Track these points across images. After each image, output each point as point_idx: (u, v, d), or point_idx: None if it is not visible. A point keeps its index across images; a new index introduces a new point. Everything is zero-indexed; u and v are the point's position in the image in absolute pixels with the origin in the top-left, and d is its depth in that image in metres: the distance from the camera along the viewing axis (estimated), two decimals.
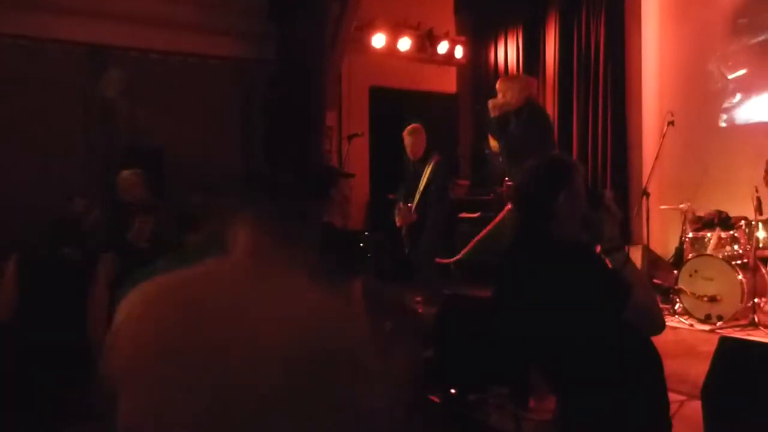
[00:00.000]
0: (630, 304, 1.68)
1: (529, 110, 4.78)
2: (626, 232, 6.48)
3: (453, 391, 3.07)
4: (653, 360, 1.80)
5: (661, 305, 5.22)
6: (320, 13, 6.71)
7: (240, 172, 6.44)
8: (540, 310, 1.72)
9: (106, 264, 3.02)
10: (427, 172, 5.30)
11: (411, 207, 5.38)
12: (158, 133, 6.17)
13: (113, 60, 6.28)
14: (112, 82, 6.06)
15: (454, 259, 6.31)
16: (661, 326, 1.83)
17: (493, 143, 5.57)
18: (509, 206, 5.53)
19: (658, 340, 4.78)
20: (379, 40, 7.50)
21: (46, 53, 5.98)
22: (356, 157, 7.01)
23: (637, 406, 1.73)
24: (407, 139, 5.42)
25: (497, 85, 5.00)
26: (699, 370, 3.26)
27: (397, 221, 5.43)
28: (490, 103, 5.08)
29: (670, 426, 1.82)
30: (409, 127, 5.47)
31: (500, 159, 5.26)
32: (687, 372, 3.59)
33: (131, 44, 6.31)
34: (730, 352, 2.26)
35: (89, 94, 6.17)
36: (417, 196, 5.34)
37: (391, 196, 5.83)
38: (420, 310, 4.68)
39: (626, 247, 1.86)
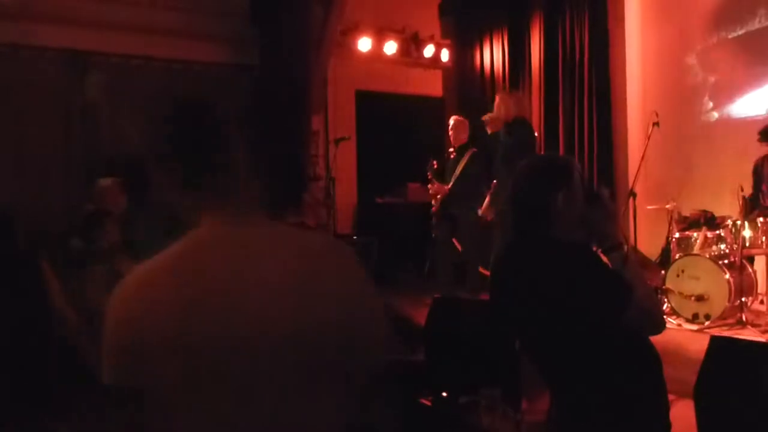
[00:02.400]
0: (631, 304, 1.66)
1: (518, 125, 5.16)
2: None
3: (444, 394, 3.04)
4: (653, 360, 1.79)
5: None
6: (303, 17, 6.69)
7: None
8: (540, 309, 1.69)
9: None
10: (463, 162, 5.75)
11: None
12: (141, 140, 6.08)
13: (94, 66, 6.20)
14: (94, 84, 5.99)
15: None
16: (661, 325, 1.81)
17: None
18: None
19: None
20: (364, 44, 7.49)
21: (25, 60, 5.89)
22: (344, 161, 6.99)
23: (636, 405, 1.71)
24: (452, 125, 5.96)
25: (495, 100, 5.44)
26: (688, 369, 3.27)
27: (430, 191, 5.93)
28: (485, 118, 5.62)
29: (669, 427, 1.80)
30: (453, 118, 6.05)
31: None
32: (676, 371, 3.59)
33: (112, 50, 6.24)
34: (721, 350, 2.26)
35: (70, 101, 6.09)
36: (452, 180, 5.80)
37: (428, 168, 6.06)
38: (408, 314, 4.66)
39: (624, 246, 1.84)
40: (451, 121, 5.99)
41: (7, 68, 5.79)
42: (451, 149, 5.98)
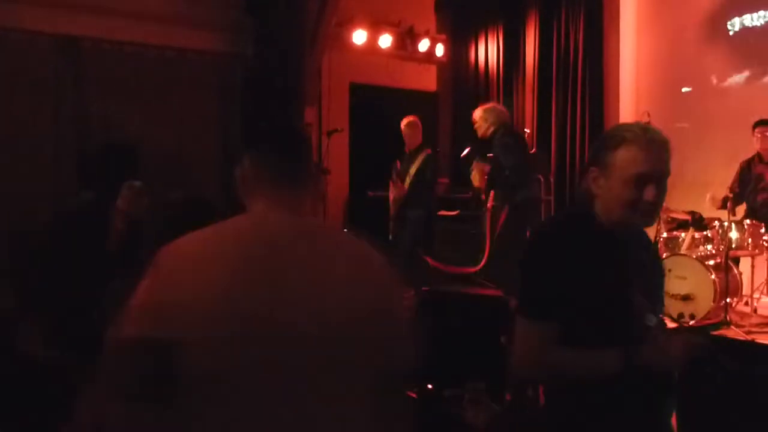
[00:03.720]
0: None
1: (502, 133, 5.16)
2: None
3: (429, 386, 3.06)
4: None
5: None
6: (299, 7, 6.66)
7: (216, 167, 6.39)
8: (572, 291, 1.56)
9: None
10: (417, 162, 5.66)
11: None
12: (133, 128, 6.05)
13: (86, 52, 6.14)
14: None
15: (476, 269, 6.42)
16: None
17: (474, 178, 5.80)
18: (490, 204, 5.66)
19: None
20: (359, 37, 7.47)
21: (12, 43, 5.82)
22: (336, 153, 6.98)
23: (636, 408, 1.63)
24: (405, 130, 5.80)
25: (474, 116, 5.35)
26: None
27: (390, 195, 5.83)
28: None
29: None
30: (406, 120, 5.84)
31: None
32: None
33: (104, 36, 6.18)
34: (703, 348, 2.27)
35: (60, 88, 6.02)
36: (407, 179, 5.70)
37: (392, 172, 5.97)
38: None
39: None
40: (404, 123, 5.83)
41: None
42: (407, 151, 5.85)
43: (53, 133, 5.97)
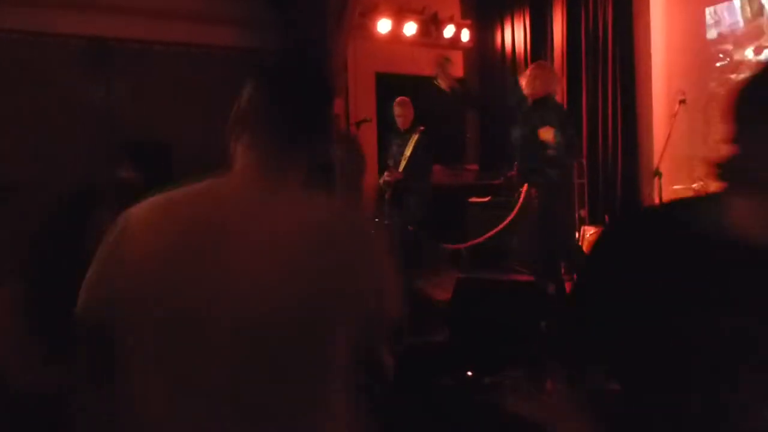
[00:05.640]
0: None
1: (546, 103, 4.84)
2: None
3: (469, 374, 3.05)
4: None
5: None
6: None
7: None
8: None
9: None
10: (413, 141, 5.66)
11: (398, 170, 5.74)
12: (164, 127, 6.13)
13: (115, 53, 6.23)
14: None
15: (469, 243, 6.39)
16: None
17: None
18: (525, 189, 5.56)
19: None
20: (384, 26, 7.43)
21: (44, 47, 5.93)
22: (365, 143, 6.97)
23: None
24: (397, 110, 5.81)
25: (525, 72, 5.06)
26: None
27: (384, 176, 5.80)
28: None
29: None
30: (399, 99, 5.87)
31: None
32: None
33: (133, 36, 6.26)
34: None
35: (90, 88, 6.13)
36: (403, 162, 5.70)
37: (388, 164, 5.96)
38: (431, 295, 4.67)
39: None
40: (397, 102, 5.80)
41: (25, 56, 5.84)
42: (401, 130, 5.83)
43: (85, 135, 6.08)
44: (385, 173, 5.79)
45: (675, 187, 5.51)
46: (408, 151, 5.64)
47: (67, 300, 1.09)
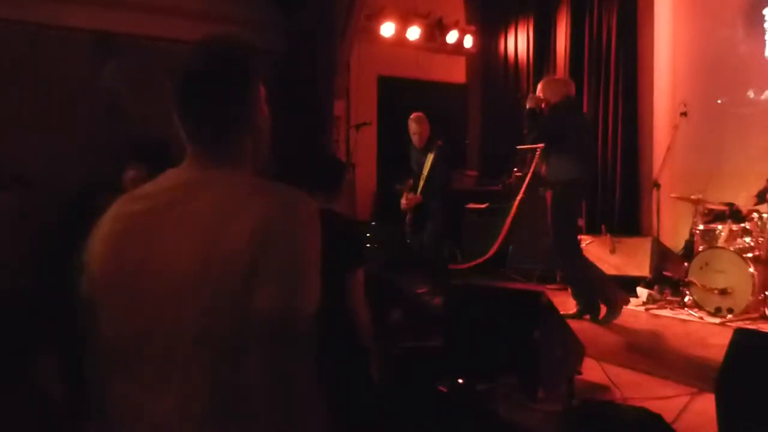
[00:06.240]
0: None
1: (564, 106, 4.75)
2: (636, 223, 6.44)
3: (460, 380, 3.04)
4: None
5: (671, 297, 5.21)
6: (330, 1, 6.66)
7: None
8: None
9: None
10: (430, 159, 5.42)
11: (416, 194, 5.55)
12: (167, 123, 6.11)
13: (119, 48, 6.24)
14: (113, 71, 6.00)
15: (485, 258, 6.37)
16: None
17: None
18: (521, 195, 5.54)
19: (670, 333, 4.74)
20: (388, 29, 7.44)
21: (49, 40, 5.94)
22: (364, 146, 6.98)
23: None
24: (413, 127, 5.53)
25: (539, 85, 4.94)
26: (710, 362, 3.23)
27: (402, 203, 5.60)
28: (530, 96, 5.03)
29: None
30: (414, 116, 5.57)
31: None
32: (698, 364, 3.56)
33: (138, 32, 6.27)
34: (744, 343, 2.22)
35: (95, 83, 6.13)
36: (421, 183, 5.49)
37: (398, 187, 5.85)
38: (426, 301, 4.67)
39: None
40: (413, 118, 5.51)
41: (30, 48, 5.85)
42: (418, 147, 5.55)
43: (89, 128, 6.08)
44: (403, 199, 5.58)
45: (672, 195, 5.50)
46: (426, 171, 5.44)
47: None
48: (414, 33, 7.55)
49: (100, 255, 1.15)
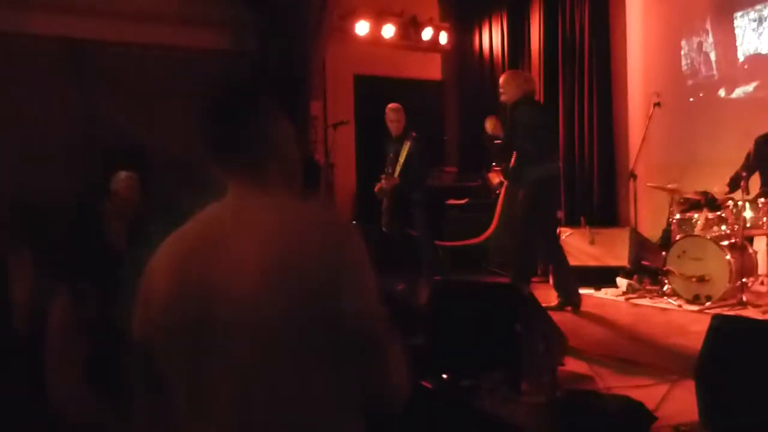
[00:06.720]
0: None
1: (522, 105, 4.81)
2: (614, 214, 6.50)
3: (444, 376, 3.04)
4: None
5: (650, 287, 5.27)
6: (301, 0, 6.63)
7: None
8: None
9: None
10: (407, 147, 5.57)
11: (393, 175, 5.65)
12: (139, 129, 6.05)
13: (91, 55, 6.14)
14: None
15: (477, 240, 6.47)
16: None
17: (489, 125, 6.31)
18: (506, 185, 5.57)
19: (650, 322, 4.79)
20: (362, 28, 7.43)
21: (19, 48, 5.82)
22: (342, 146, 6.96)
23: None
24: (391, 116, 5.66)
25: (500, 80, 5.02)
26: (690, 349, 3.27)
27: (379, 186, 5.67)
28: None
29: None
30: (393, 105, 5.71)
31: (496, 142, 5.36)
32: (678, 352, 3.60)
33: (110, 38, 6.18)
34: (723, 329, 2.25)
35: (67, 90, 6.03)
36: (398, 168, 5.60)
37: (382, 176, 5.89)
38: (408, 298, 4.66)
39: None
40: (391, 108, 5.67)
41: (4, 56, 5.74)
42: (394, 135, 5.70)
43: (60, 136, 5.98)
44: (382, 180, 5.68)
45: (649, 184, 5.56)
46: (402, 158, 5.58)
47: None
48: (389, 31, 7.55)
49: (166, 294, 1.15)
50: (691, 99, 6.14)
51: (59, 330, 2.02)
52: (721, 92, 5.95)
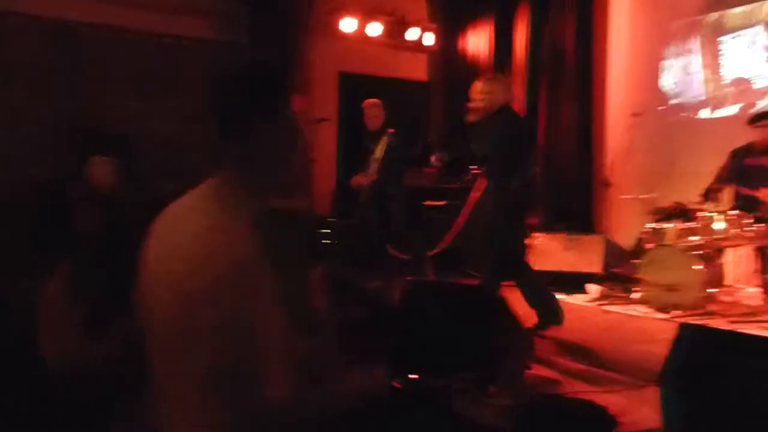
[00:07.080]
0: None
1: (498, 117, 4.56)
2: (590, 222, 6.58)
3: (414, 376, 3.05)
4: None
5: (621, 294, 5.34)
6: None
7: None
8: None
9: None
10: (384, 141, 5.62)
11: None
12: (129, 115, 5.98)
13: (83, 37, 6.06)
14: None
15: (436, 251, 6.42)
16: None
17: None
18: (477, 186, 5.55)
19: (619, 328, 4.83)
20: (348, 25, 7.41)
21: (9, 27, 5.73)
22: (323, 143, 6.95)
23: None
24: (372, 111, 5.71)
25: (478, 87, 4.61)
26: (657, 356, 3.32)
27: (356, 178, 5.73)
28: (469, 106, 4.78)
29: None
30: (373, 100, 5.77)
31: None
32: (645, 359, 3.66)
33: (102, 21, 6.09)
34: (689, 337, 2.29)
35: (56, 72, 5.94)
36: (374, 164, 5.67)
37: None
38: (381, 297, 4.67)
39: None
40: (370, 103, 5.72)
41: None
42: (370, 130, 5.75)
43: (49, 119, 5.90)
44: (358, 176, 5.72)
45: (623, 197, 5.64)
46: (379, 153, 5.62)
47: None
48: (375, 29, 7.54)
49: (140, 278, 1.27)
50: (670, 119, 6.23)
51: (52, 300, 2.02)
52: (704, 113, 6.03)
